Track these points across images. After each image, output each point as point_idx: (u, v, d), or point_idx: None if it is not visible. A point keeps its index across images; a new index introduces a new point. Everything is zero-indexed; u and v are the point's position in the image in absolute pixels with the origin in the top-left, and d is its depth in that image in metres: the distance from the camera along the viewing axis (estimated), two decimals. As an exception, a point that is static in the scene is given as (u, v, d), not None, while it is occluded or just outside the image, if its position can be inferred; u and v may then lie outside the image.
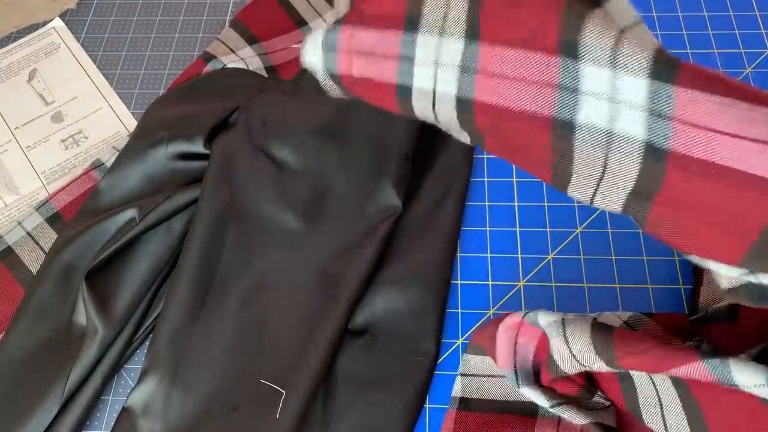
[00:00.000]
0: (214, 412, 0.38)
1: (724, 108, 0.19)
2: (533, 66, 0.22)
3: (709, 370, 0.23)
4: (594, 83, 0.21)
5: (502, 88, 0.23)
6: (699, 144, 0.19)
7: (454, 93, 0.25)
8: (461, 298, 0.43)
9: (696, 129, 0.19)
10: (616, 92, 0.21)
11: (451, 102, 0.25)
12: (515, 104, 0.23)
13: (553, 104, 0.22)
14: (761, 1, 0.55)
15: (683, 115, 0.19)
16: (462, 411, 0.37)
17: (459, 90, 0.24)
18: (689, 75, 0.19)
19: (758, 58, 0.52)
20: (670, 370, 0.24)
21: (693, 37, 0.53)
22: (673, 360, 0.24)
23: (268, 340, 0.40)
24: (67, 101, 0.54)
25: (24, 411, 0.38)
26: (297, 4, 0.56)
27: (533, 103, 0.23)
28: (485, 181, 0.48)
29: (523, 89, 0.23)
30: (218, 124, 0.48)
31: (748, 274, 0.22)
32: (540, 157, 0.24)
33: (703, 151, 0.19)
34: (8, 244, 0.45)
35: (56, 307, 0.42)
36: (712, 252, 0.22)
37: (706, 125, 0.19)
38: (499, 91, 0.23)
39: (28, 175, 0.50)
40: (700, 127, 0.19)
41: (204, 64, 0.53)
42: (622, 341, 0.27)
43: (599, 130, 0.22)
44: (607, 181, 0.22)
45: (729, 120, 0.19)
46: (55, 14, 0.59)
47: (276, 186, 0.45)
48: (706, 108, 0.19)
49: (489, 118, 0.24)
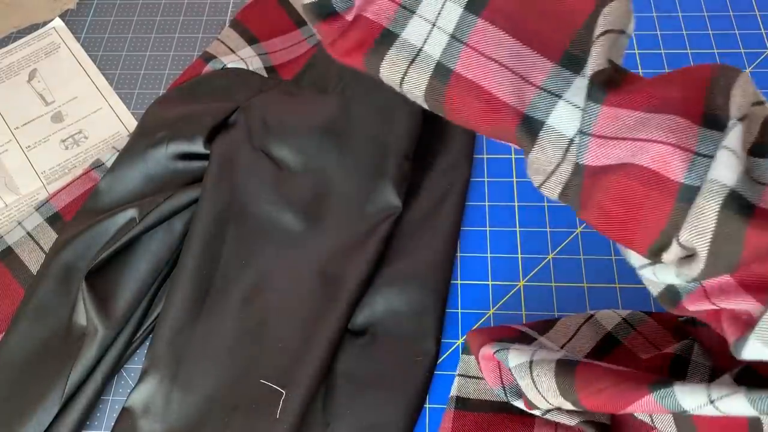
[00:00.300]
0: (215, 412, 0.38)
1: (632, 121, 0.23)
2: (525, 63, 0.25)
3: (659, 402, 0.24)
4: (574, 94, 0.24)
5: (485, 68, 0.25)
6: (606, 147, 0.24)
7: (438, 57, 0.26)
8: (461, 298, 0.43)
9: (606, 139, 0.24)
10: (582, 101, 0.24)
11: (429, 66, 0.26)
12: (491, 88, 0.25)
13: (528, 103, 0.25)
14: (761, 1, 0.55)
15: (598, 131, 0.24)
16: (459, 411, 0.37)
17: (443, 56, 0.26)
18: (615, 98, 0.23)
19: (758, 58, 0.52)
20: (626, 409, 0.25)
21: (693, 37, 0.53)
22: (627, 398, 0.25)
23: (268, 340, 0.40)
24: (67, 101, 0.54)
25: (24, 411, 0.38)
26: (297, 4, 0.56)
27: (510, 95, 0.25)
28: (485, 181, 0.48)
29: (505, 77, 0.25)
30: (218, 124, 0.48)
31: (648, 265, 0.25)
32: (504, 137, 0.27)
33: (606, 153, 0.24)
34: (8, 244, 0.45)
35: (56, 307, 0.42)
36: (627, 240, 0.24)
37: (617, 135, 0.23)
38: (481, 70, 0.25)
39: (28, 175, 0.50)
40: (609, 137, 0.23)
41: (204, 64, 0.53)
42: (583, 381, 0.28)
43: (562, 134, 0.25)
44: (555, 177, 0.26)
45: (630, 126, 0.23)
46: (55, 14, 0.59)
47: (276, 186, 0.45)
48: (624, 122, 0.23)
49: (459, 93, 0.26)
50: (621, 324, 0.38)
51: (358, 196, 0.45)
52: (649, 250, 0.24)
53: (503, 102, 0.25)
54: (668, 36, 0.54)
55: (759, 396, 0.21)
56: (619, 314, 0.38)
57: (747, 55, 0.52)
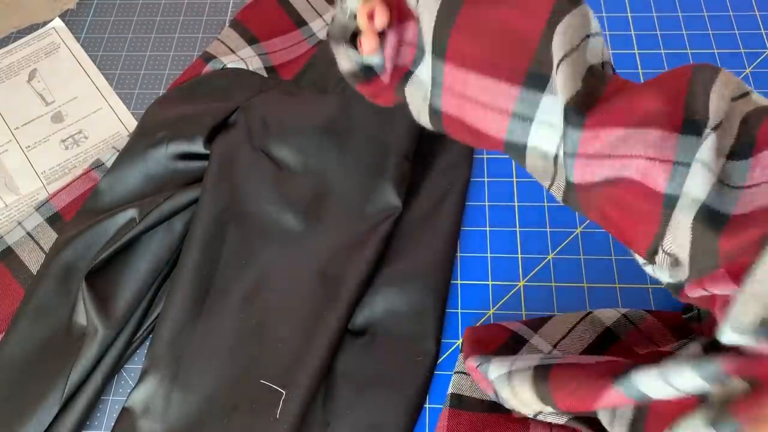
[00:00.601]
0: (215, 412, 0.38)
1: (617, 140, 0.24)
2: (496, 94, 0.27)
3: (625, 394, 0.25)
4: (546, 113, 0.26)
5: (461, 106, 0.28)
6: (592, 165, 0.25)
7: (429, 99, 0.29)
8: (461, 298, 0.43)
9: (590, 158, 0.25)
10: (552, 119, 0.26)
11: (426, 106, 0.29)
12: (472, 122, 0.28)
13: (505, 130, 0.27)
14: (761, 1, 0.55)
15: (581, 152, 0.25)
16: (455, 409, 0.37)
17: (432, 98, 0.29)
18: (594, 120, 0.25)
19: (758, 58, 0.52)
20: (596, 405, 0.27)
21: (693, 37, 0.53)
22: (595, 395, 0.27)
23: (268, 340, 0.40)
24: (67, 101, 0.54)
25: (25, 410, 0.38)
26: (297, 4, 0.56)
27: (488, 125, 0.27)
28: (485, 181, 0.48)
29: (479, 111, 0.27)
30: (218, 124, 0.48)
31: (648, 264, 0.26)
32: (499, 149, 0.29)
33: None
34: (8, 244, 0.45)
35: (56, 307, 0.42)
36: (627, 242, 0.26)
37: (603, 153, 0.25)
38: (459, 108, 0.28)
39: (28, 175, 0.50)
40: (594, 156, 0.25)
41: (204, 64, 0.53)
42: (557, 383, 0.29)
43: (545, 152, 0.27)
44: (555, 185, 0.28)
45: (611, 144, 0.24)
46: (55, 14, 0.59)
47: (276, 186, 0.45)
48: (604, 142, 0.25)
49: (451, 127, 0.29)
50: (620, 320, 0.38)
51: (358, 196, 0.45)
52: (646, 252, 0.25)
53: (484, 132, 0.28)
54: (668, 36, 0.54)
55: (701, 362, 0.22)
56: (618, 311, 0.38)
57: (747, 55, 0.52)
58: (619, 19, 0.55)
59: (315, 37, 0.55)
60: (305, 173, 0.46)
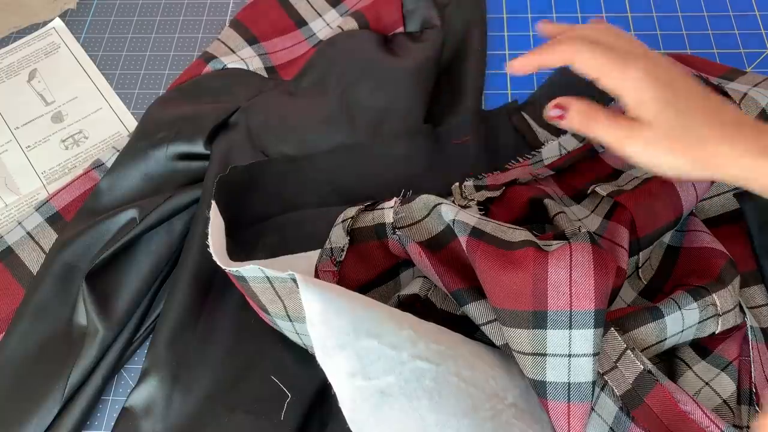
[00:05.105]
0: (215, 413, 0.38)
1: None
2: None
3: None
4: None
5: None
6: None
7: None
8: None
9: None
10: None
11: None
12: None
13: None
14: (761, 1, 0.55)
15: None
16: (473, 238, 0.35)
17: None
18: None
19: (758, 58, 0.52)
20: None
21: (693, 37, 0.53)
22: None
23: (268, 340, 0.40)
24: (67, 101, 0.54)
25: (25, 410, 0.38)
26: (297, 4, 0.56)
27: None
28: (485, 181, 0.47)
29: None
30: (219, 125, 0.48)
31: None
32: None
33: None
34: (8, 244, 0.45)
35: (56, 307, 0.42)
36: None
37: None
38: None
39: (28, 175, 0.50)
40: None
41: (204, 64, 0.53)
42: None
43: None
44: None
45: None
46: (55, 14, 0.59)
47: (276, 186, 0.45)
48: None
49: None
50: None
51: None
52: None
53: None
54: (668, 36, 0.54)
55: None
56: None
57: (747, 55, 0.52)
58: (619, 19, 0.55)
59: (315, 37, 0.55)
60: (305, 173, 0.46)
